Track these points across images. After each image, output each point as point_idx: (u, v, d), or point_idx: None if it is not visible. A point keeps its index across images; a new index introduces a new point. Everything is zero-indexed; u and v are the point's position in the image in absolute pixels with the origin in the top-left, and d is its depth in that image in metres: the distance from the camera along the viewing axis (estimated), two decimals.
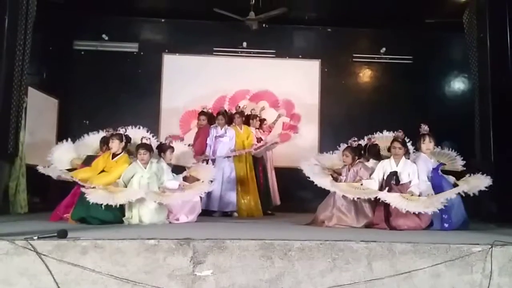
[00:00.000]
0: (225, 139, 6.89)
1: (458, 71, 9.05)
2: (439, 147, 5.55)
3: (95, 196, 4.73)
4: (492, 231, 4.48)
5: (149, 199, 4.94)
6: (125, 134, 5.35)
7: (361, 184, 5.09)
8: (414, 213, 4.71)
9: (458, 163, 5.49)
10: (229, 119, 7.11)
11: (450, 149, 5.62)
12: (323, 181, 5.16)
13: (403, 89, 8.78)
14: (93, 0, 7.87)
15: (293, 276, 3.13)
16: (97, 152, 5.67)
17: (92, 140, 5.79)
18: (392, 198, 4.79)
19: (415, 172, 5.07)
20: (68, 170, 5.40)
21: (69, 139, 5.83)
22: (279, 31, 8.88)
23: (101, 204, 4.70)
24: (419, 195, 4.89)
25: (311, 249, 3.19)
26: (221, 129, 6.93)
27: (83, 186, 4.93)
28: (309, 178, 5.20)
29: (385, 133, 5.66)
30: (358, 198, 4.98)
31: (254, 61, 8.87)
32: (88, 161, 5.44)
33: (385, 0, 7.69)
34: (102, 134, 5.74)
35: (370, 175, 5.22)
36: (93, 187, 4.87)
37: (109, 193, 4.81)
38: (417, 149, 5.33)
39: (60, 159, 5.60)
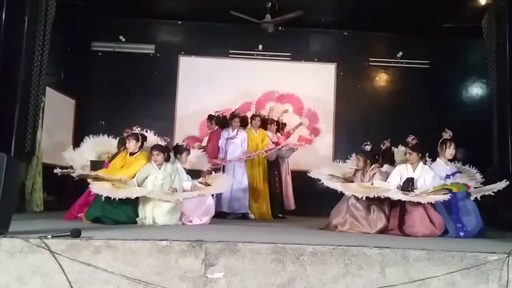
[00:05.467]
0: (237, 141, 6.89)
1: (476, 76, 8.93)
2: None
3: (99, 188, 4.80)
4: (509, 240, 4.40)
5: (153, 197, 4.94)
6: (141, 133, 5.39)
7: (372, 184, 5.04)
8: (430, 220, 4.66)
9: (477, 180, 5.24)
10: (245, 122, 7.12)
11: (465, 158, 5.53)
12: (333, 184, 5.12)
13: (420, 94, 8.71)
14: (111, 2, 7.95)
15: (305, 281, 3.11)
16: (100, 157, 5.77)
17: (92, 145, 5.87)
18: (400, 195, 4.75)
19: (432, 178, 5.01)
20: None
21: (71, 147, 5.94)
22: (295, 34, 8.86)
23: (116, 206, 4.75)
24: None
25: (323, 254, 3.16)
26: (232, 131, 6.93)
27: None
28: (320, 181, 5.18)
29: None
30: (372, 204, 4.94)
31: (270, 64, 8.86)
32: (93, 166, 5.51)
33: (402, 4, 7.62)
34: (99, 138, 5.89)
35: (386, 180, 5.16)
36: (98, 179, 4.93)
37: (113, 188, 4.85)
38: (437, 154, 5.26)
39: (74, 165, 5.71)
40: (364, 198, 4.88)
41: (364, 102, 8.89)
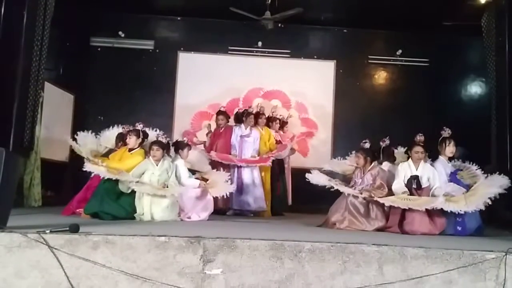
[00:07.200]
0: (250, 139, 6.90)
1: (475, 75, 8.94)
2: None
3: (93, 167, 4.86)
4: (507, 238, 4.41)
5: (138, 189, 4.93)
6: (143, 130, 5.38)
7: (409, 195, 4.93)
8: (430, 218, 4.68)
9: (479, 178, 5.17)
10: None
11: (463, 156, 5.52)
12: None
13: (419, 92, 8.72)
14: None
15: (302, 278, 3.11)
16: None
17: (113, 134, 5.86)
18: (451, 206, 4.63)
19: (435, 176, 5.02)
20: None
21: (91, 132, 5.91)
22: (294, 31, 8.86)
23: (115, 201, 4.77)
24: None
25: (321, 251, 3.16)
26: (245, 129, 6.92)
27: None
28: (352, 194, 5.05)
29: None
30: (371, 202, 4.94)
31: (269, 61, 8.86)
32: (109, 154, 5.52)
33: (402, 2, 7.61)
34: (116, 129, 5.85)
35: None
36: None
37: (105, 170, 4.89)
38: (438, 152, 5.25)
39: (84, 148, 5.69)
40: (424, 210, 4.71)
41: (363, 99, 8.90)
